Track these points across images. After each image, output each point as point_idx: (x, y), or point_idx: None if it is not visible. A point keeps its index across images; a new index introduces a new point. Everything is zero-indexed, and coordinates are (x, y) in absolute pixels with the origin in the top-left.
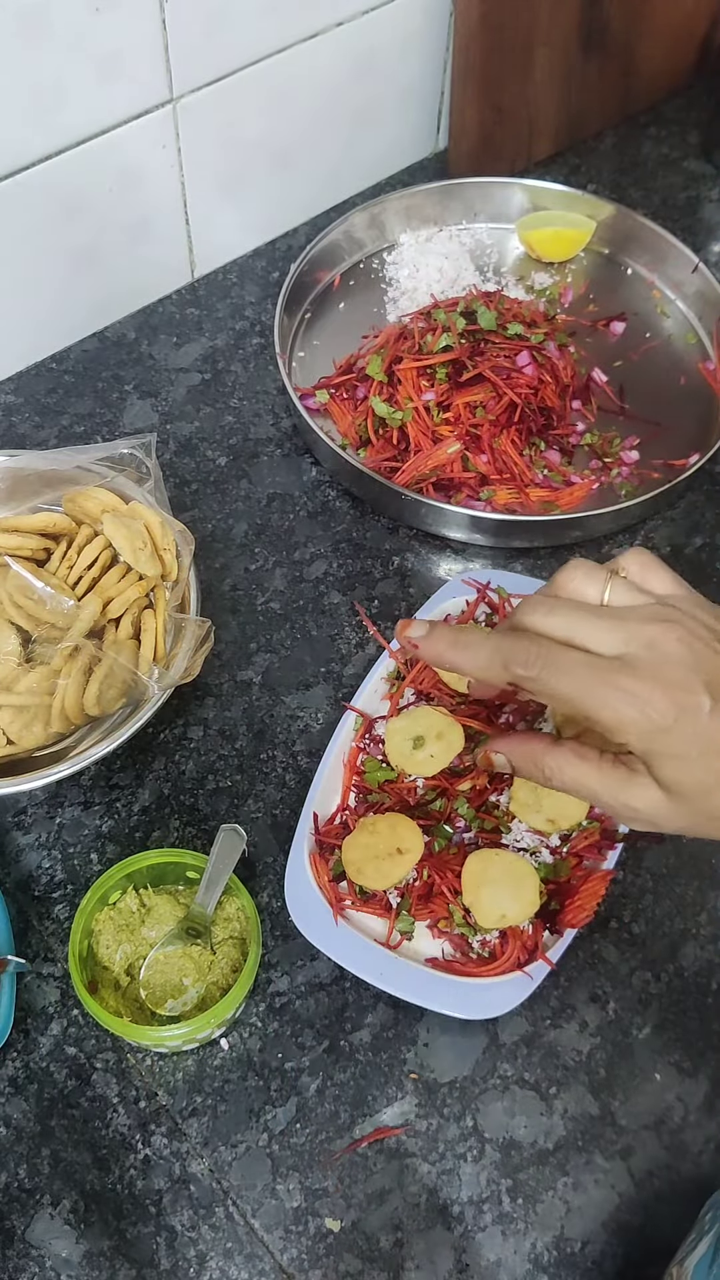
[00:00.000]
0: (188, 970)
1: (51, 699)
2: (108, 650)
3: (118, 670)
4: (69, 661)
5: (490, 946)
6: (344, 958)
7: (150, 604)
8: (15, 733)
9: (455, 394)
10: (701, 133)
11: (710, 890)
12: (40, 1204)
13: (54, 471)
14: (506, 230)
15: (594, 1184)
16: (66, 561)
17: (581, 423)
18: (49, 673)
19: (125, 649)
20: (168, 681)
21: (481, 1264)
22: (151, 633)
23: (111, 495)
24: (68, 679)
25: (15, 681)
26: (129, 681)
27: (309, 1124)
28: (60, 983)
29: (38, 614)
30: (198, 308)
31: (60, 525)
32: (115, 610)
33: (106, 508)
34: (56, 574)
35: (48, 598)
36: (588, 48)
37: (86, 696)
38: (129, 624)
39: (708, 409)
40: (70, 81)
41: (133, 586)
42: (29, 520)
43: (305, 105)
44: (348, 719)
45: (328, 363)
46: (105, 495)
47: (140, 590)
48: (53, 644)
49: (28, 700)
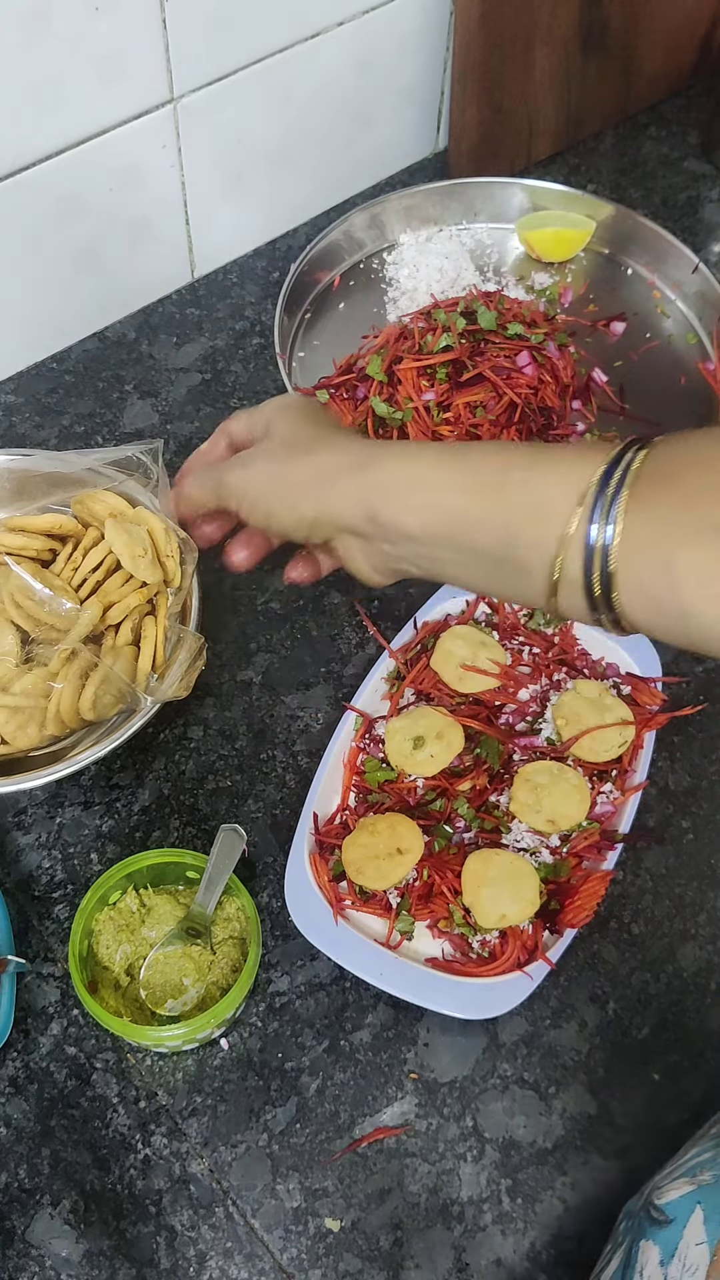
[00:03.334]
0: (188, 970)
1: (47, 701)
2: (104, 657)
3: (113, 678)
4: (66, 665)
5: (490, 946)
6: (344, 958)
7: (152, 610)
8: (10, 733)
9: (455, 394)
10: (701, 133)
11: (710, 890)
12: (40, 1204)
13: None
14: (506, 230)
15: (593, 1183)
16: (71, 564)
17: (581, 423)
18: (46, 675)
19: (124, 655)
20: (159, 696)
21: (481, 1264)
22: (151, 640)
23: (119, 499)
24: (64, 683)
25: (12, 682)
26: (124, 689)
27: (309, 1124)
28: (60, 983)
29: (37, 615)
30: (198, 308)
31: (67, 527)
32: (115, 616)
33: (113, 511)
34: (61, 575)
35: (47, 599)
36: (588, 48)
37: (82, 701)
38: (129, 630)
39: (708, 409)
40: (70, 81)
41: (134, 593)
42: (35, 521)
43: (305, 105)
44: (348, 719)
45: (328, 363)
46: (113, 499)
47: (141, 597)
48: (51, 646)
49: (23, 702)
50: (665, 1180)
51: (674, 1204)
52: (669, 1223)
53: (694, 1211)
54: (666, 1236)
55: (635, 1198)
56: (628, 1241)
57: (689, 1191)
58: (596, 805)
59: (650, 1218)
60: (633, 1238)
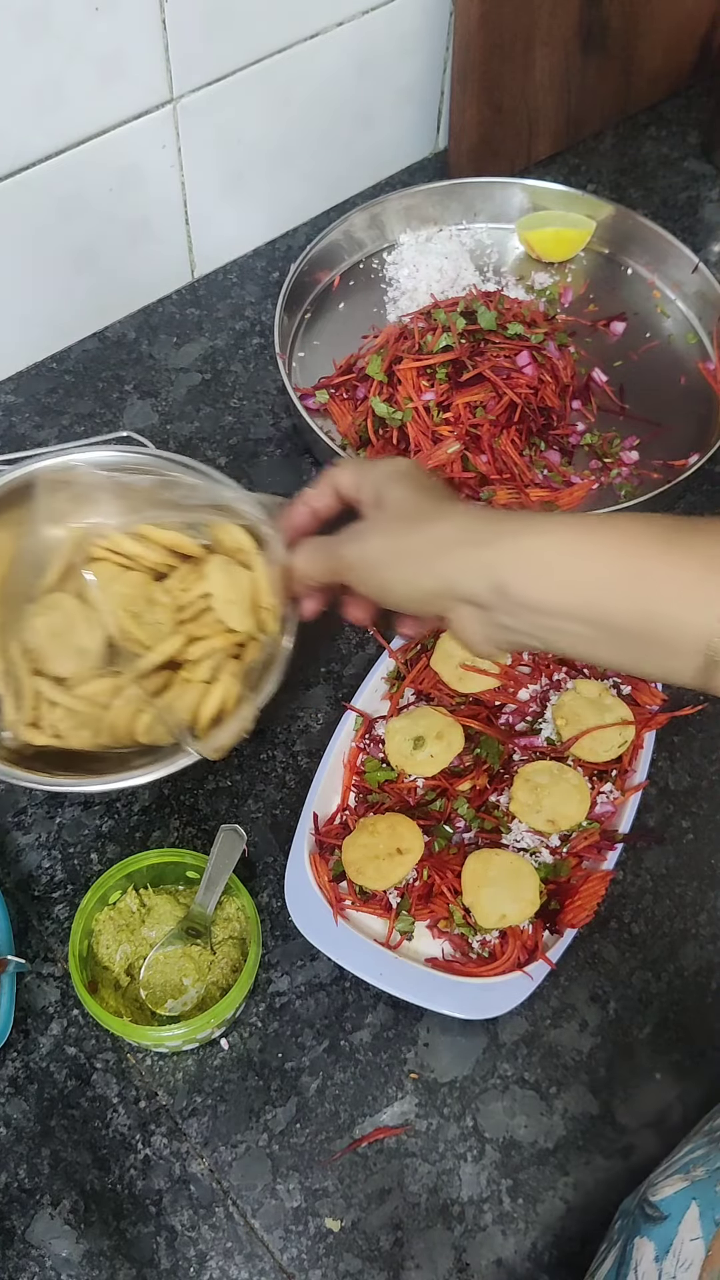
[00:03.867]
0: (188, 970)
1: (106, 712)
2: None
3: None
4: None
5: (490, 946)
6: (344, 958)
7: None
8: (64, 730)
9: (455, 394)
10: (701, 133)
11: (710, 890)
12: (40, 1204)
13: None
14: (506, 230)
15: (595, 1184)
16: (181, 584)
17: (581, 423)
18: (113, 687)
19: (192, 691)
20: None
21: (481, 1264)
22: (222, 688)
23: (246, 538)
24: (125, 701)
25: (81, 683)
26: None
27: (309, 1124)
28: (60, 983)
29: (129, 627)
30: (198, 308)
31: (189, 548)
32: (196, 652)
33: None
34: (170, 593)
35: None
36: (588, 48)
37: (138, 724)
38: (206, 668)
39: (708, 409)
40: (70, 81)
41: (220, 635)
42: (159, 534)
43: (305, 105)
44: (348, 719)
45: (328, 363)
46: (240, 535)
47: (227, 640)
48: (130, 658)
49: (83, 706)
50: (660, 1177)
51: (669, 1200)
52: (664, 1219)
53: (689, 1207)
54: (661, 1233)
55: (631, 1196)
56: (622, 1239)
57: (683, 1188)
58: (596, 805)
59: (645, 1214)
60: (627, 1235)
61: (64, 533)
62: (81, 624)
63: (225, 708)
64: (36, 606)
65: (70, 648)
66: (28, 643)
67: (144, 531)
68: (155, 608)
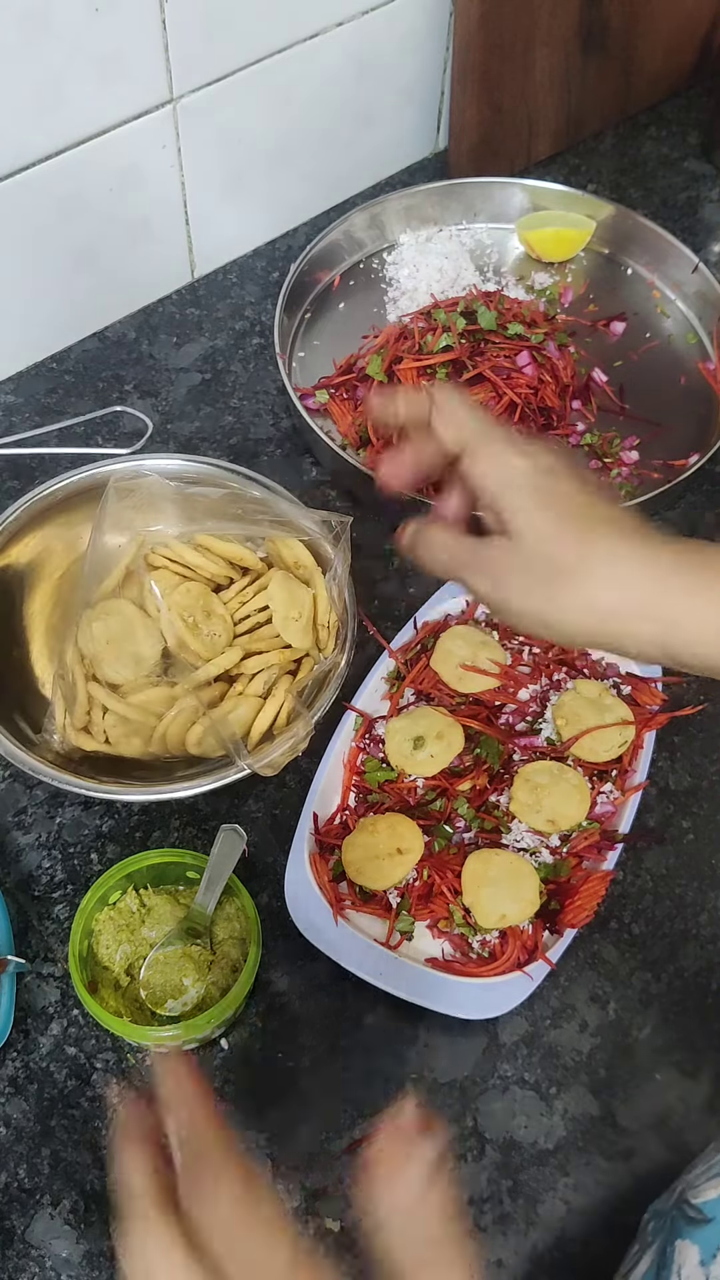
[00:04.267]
0: (188, 970)
1: (158, 721)
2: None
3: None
4: (188, 695)
5: (490, 946)
6: (344, 958)
7: (293, 672)
8: (115, 737)
9: None
10: (701, 133)
11: (710, 890)
12: (40, 1204)
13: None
14: (506, 230)
15: (595, 1184)
16: (240, 597)
17: (581, 423)
18: (167, 697)
19: (246, 705)
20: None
21: (482, 1264)
22: (277, 703)
23: (307, 554)
24: (178, 712)
25: (135, 691)
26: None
27: (309, 1124)
28: (60, 983)
29: (185, 637)
30: (198, 308)
31: (248, 561)
32: (252, 666)
33: (294, 564)
34: (228, 605)
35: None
36: (588, 48)
37: (189, 735)
38: (261, 683)
39: (708, 409)
40: (70, 81)
41: (276, 651)
42: (220, 546)
43: (305, 105)
44: (347, 719)
45: (328, 363)
46: (301, 552)
47: (283, 657)
48: (185, 669)
49: (135, 715)
50: (700, 1179)
51: (712, 1203)
52: (708, 1222)
53: None
54: (706, 1236)
55: (664, 1197)
56: (659, 1241)
57: None
58: (596, 805)
59: (686, 1217)
60: (665, 1237)
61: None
62: (140, 631)
63: (277, 724)
64: (94, 611)
65: (127, 654)
66: (84, 647)
67: (204, 542)
68: (212, 619)
